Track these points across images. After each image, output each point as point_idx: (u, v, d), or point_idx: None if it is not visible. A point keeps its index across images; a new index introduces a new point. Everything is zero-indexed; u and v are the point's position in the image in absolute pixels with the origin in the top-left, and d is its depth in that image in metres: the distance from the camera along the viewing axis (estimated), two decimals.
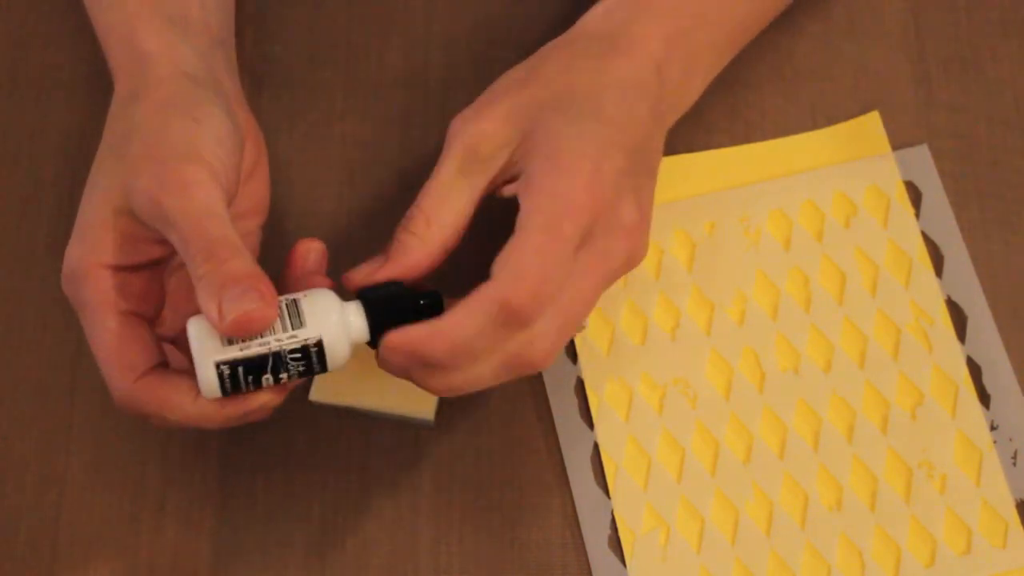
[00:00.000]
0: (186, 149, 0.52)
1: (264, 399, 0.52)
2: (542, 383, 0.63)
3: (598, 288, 0.53)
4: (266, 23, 0.70)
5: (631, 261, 0.55)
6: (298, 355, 0.51)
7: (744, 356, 0.63)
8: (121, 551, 0.61)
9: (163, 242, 0.53)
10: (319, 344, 0.51)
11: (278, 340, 0.51)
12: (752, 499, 0.61)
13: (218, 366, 0.50)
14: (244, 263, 0.50)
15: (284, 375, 0.52)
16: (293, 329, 0.51)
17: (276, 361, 0.51)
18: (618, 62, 0.56)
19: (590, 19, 0.58)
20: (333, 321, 0.52)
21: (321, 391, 0.60)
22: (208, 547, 0.61)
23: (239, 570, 0.61)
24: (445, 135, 0.55)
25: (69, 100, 0.70)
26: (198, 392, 0.51)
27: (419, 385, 0.54)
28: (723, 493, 0.61)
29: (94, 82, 0.69)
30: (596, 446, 0.62)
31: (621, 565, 0.60)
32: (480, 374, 0.53)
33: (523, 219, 0.52)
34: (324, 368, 0.52)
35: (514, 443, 0.62)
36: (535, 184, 0.52)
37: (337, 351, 0.52)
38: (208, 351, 0.50)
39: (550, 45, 0.58)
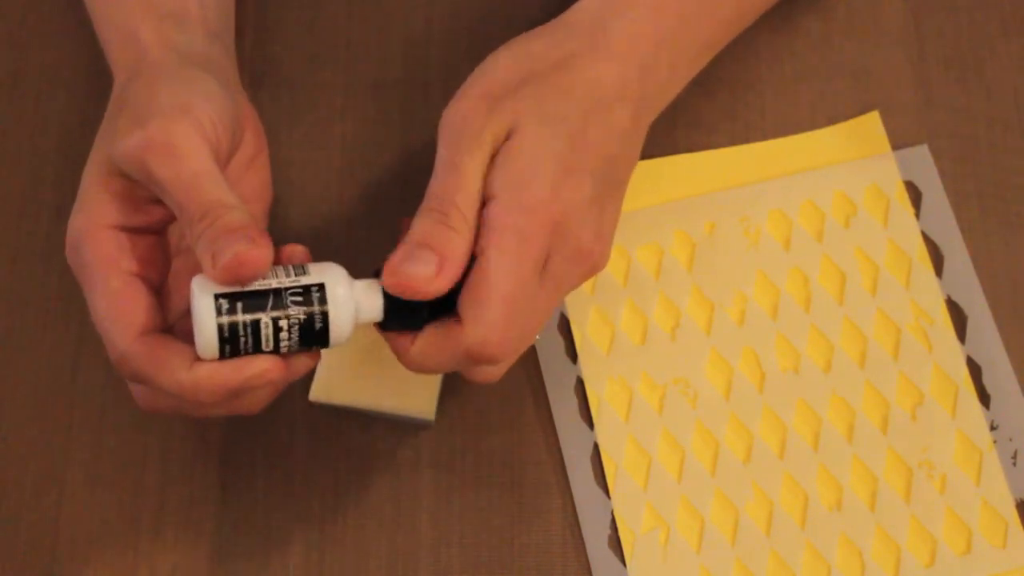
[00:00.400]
0: (171, 105, 0.52)
1: (262, 366, 0.50)
2: (542, 383, 0.63)
3: (553, 307, 0.54)
4: (266, 23, 0.70)
5: (588, 277, 0.55)
6: (299, 298, 0.50)
7: (744, 356, 0.63)
8: (121, 551, 0.61)
9: (160, 202, 0.52)
10: (321, 288, 0.50)
11: (279, 282, 0.50)
12: (752, 499, 0.61)
13: (216, 299, 0.49)
14: (239, 216, 0.50)
15: (284, 333, 0.50)
16: (296, 275, 0.50)
17: (276, 299, 0.49)
18: (605, 65, 0.55)
19: (579, 14, 0.57)
20: (338, 278, 0.51)
21: (321, 391, 0.60)
22: (208, 547, 0.61)
23: (239, 570, 0.61)
24: (439, 128, 0.54)
25: (69, 100, 0.70)
26: (195, 357, 0.50)
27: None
28: (723, 493, 0.61)
29: (94, 82, 0.69)
30: (596, 446, 0.62)
31: (621, 565, 0.60)
32: (439, 362, 0.53)
33: (489, 256, 0.51)
34: (326, 334, 0.50)
35: (514, 443, 0.62)
36: (499, 219, 0.51)
37: (342, 316, 0.50)
38: (209, 286, 0.49)
39: (539, 36, 0.56)
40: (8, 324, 0.65)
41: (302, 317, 0.50)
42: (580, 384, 0.63)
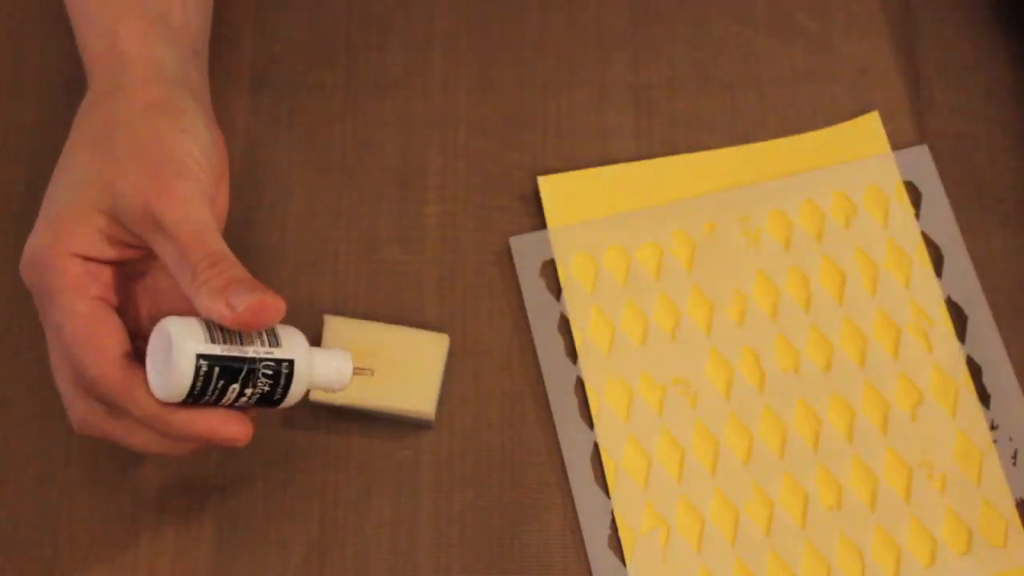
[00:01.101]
0: (177, 160, 0.53)
1: (232, 431, 0.52)
2: (542, 383, 0.63)
3: None
4: (266, 23, 0.70)
5: None
6: (269, 372, 0.52)
7: (744, 356, 0.63)
8: (121, 551, 0.61)
9: (135, 247, 0.53)
10: (291, 365, 0.52)
11: (255, 351, 0.51)
12: (752, 499, 0.61)
13: (198, 359, 0.50)
14: (246, 272, 0.51)
15: (248, 391, 0.52)
16: (270, 346, 0.52)
17: (249, 371, 0.51)
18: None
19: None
20: (303, 351, 0.53)
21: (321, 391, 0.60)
22: (208, 547, 0.61)
23: (239, 570, 0.61)
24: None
25: (68, 100, 0.69)
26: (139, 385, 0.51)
27: None
28: (723, 493, 0.61)
29: None
30: (596, 446, 0.62)
31: (621, 565, 0.60)
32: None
33: None
34: (282, 399, 0.53)
35: (514, 443, 0.62)
36: None
37: (299, 392, 0.53)
38: (190, 342, 0.50)
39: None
40: (8, 324, 0.65)
41: (266, 389, 0.52)
42: (580, 384, 0.63)
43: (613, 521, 0.61)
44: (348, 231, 0.66)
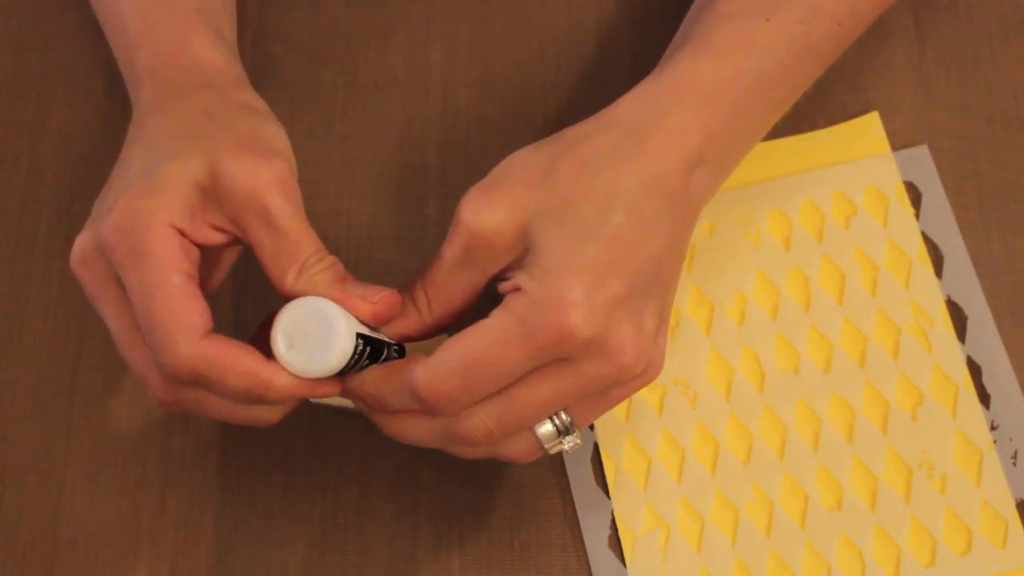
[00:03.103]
0: (282, 154, 0.53)
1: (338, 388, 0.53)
2: None
3: (560, 398, 0.51)
4: (266, 23, 0.70)
5: (621, 377, 0.51)
6: (395, 354, 0.53)
7: (744, 356, 0.63)
8: (121, 551, 0.61)
9: (222, 231, 0.52)
10: (400, 350, 0.53)
11: (380, 335, 0.52)
12: (752, 499, 0.61)
13: (358, 338, 0.50)
14: (344, 269, 0.52)
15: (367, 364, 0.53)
16: (377, 330, 0.53)
17: (388, 351, 0.52)
18: (646, 162, 0.51)
19: (624, 107, 0.53)
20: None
21: None
22: (208, 547, 0.61)
23: (239, 570, 0.61)
24: (456, 207, 0.52)
25: (69, 100, 0.70)
26: (268, 358, 0.50)
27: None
28: (723, 493, 0.61)
29: (94, 82, 0.70)
30: (596, 446, 0.62)
31: (621, 565, 0.60)
32: (416, 431, 0.53)
33: (478, 324, 0.50)
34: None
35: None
36: (514, 306, 0.50)
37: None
38: (348, 321, 0.50)
39: (575, 132, 0.53)
40: (8, 324, 0.65)
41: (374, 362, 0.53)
42: None
43: (613, 521, 0.61)
44: (348, 231, 0.66)
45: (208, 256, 0.55)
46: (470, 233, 0.51)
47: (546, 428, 0.53)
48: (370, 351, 0.51)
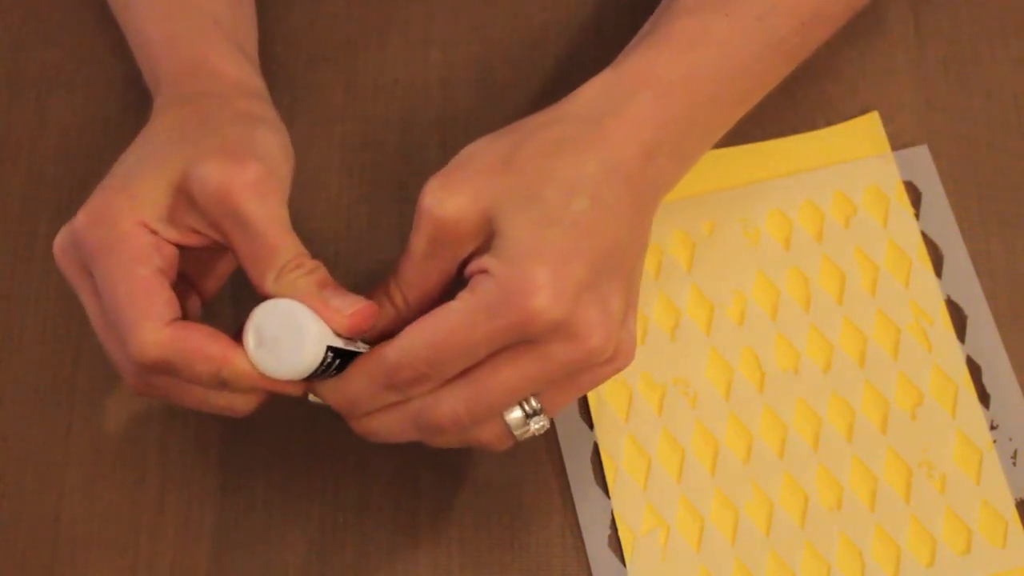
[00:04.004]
0: (261, 156, 0.53)
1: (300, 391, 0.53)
2: None
3: (529, 382, 0.51)
4: (266, 23, 0.70)
5: (590, 361, 0.51)
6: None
7: (744, 356, 0.63)
8: (121, 551, 0.61)
9: (198, 234, 0.52)
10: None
11: (353, 344, 0.52)
12: (752, 499, 0.61)
13: (328, 350, 0.50)
14: (328, 275, 0.52)
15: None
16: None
17: (354, 360, 0.52)
18: (604, 149, 0.52)
19: (582, 97, 0.54)
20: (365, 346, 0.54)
21: None
22: (208, 547, 0.61)
23: (239, 570, 0.61)
24: (419, 197, 0.52)
25: (69, 100, 0.70)
26: (236, 347, 0.51)
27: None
28: (723, 493, 0.61)
29: (94, 82, 0.70)
30: (596, 446, 0.62)
31: (621, 565, 0.60)
32: (388, 425, 0.53)
33: (445, 305, 0.50)
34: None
35: (513, 443, 0.62)
36: (480, 288, 0.50)
37: None
38: (319, 329, 0.50)
39: (535, 121, 0.53)
40: (8, 324, 0.65)
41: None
42: None
43: (613, 521, 0.61)
44: (348, 231, 0.66)
45: (202, 264, 0.56)
46: (433, 221, 0.51)
47: (515, 414, 0.52)
48: (339, 363, 0.51)
